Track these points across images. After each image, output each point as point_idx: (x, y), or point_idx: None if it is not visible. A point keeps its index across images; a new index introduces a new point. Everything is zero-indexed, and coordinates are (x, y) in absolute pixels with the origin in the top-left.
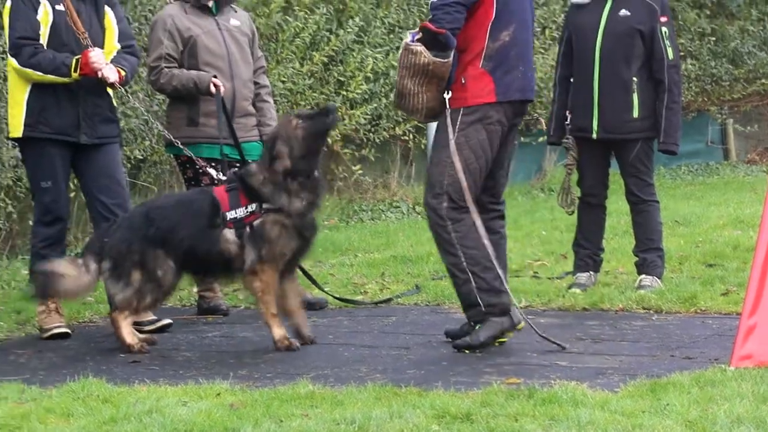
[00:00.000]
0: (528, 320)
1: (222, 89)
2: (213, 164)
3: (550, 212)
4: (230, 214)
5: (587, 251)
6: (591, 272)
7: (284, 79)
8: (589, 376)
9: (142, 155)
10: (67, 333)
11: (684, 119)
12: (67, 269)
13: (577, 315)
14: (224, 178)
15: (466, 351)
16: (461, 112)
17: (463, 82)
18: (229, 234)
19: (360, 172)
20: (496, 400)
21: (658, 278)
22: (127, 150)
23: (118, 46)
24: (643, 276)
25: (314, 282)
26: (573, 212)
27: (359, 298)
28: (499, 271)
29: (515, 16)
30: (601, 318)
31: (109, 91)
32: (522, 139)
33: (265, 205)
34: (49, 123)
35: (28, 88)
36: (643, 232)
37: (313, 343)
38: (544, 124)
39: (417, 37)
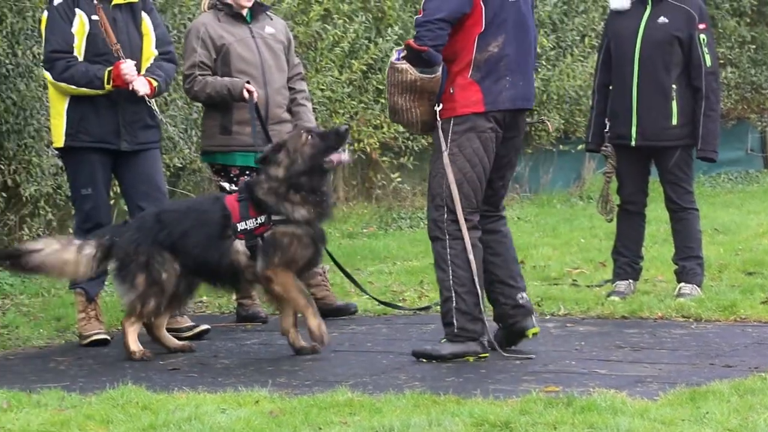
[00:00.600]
0: (495, 344)
1: (255, 95)
2: (248, 172)
3: (589, 220)
4: (240, 225)
5: (626, 259)
6: (630, 280)
7: (323, 87)
8: (628, 384)
9: (181, 163)
10: (106, 339)
11: (723, 127)
12: (48, 244)
13: (616, 323)
14: (234, 188)
15: (423, 360)
16: (452, 122)
17: (452, 92)
18: (240, 245)
19: (398, 179)
20: (535, 408)
21: (698, 286)
22: (167, 158)
23: (156, 53)
24: (683, 284)
25: (358, 285)
26: (612, 220)
27: (399, 305)
28: (480, 293)
29: (505, 27)
30: (640, 326)
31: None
32: (561, 147)
33: (274, 217)
34: (90, 132)
35: (68, 99)
36: (683, 240)
37: (316, 351)
38: (549, 125)
39: (402, 54)
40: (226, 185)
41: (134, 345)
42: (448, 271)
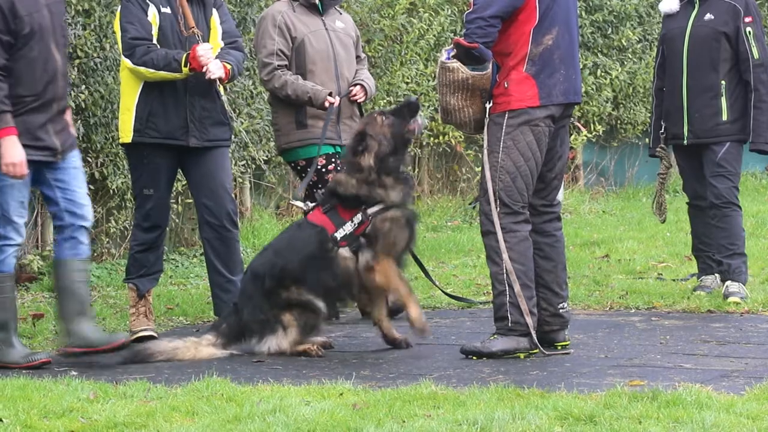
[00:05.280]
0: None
1: (336, 103)
2: (333, 159)
3: (675, 214)
4: (339, 234)
5: (707, 254)
6: (716, 274)
7: (408, 80)
8: (714, 379)
9: (267, 156)
10: (152, 336)
11: None
12: (168, 346)
13: (701, 317)
14: (311, 204)
15: (474, 357)
16: (507, 115)
17: (506, 86)
18: (345, 252)
19: None
20: (620, 402)
21: (743, 284)
22: (252, 151)
23: (222, 44)
24: (729, 282)
25: (431, 278)
26: (665, 221)
27: (482, 299)
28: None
29: (558, 20)
30: (726, 320)
31: (220, 90)
32: (647, 140)
33: (369, 211)
34: (158, 127)
35: (138, 94)
36: (727, 237)
37: (408, 346)
38: (580, 125)
39: (452, 53)
40: (300, 204)
41: (310, 345)
42: (501, 265)
